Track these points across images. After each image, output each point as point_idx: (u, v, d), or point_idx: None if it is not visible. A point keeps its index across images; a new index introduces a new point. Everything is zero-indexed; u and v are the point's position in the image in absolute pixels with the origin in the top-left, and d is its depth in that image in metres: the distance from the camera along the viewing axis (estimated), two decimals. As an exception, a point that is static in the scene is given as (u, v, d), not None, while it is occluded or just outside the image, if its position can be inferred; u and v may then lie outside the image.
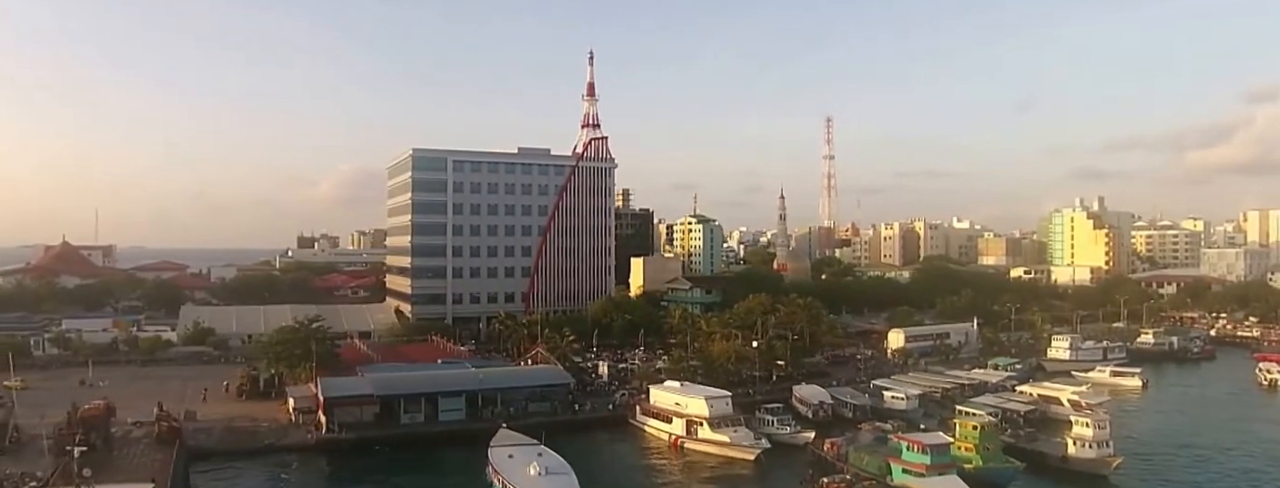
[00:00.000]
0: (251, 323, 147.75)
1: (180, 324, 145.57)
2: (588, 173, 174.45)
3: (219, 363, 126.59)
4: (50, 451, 72.70)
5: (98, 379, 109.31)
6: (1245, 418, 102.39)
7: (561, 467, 65.88)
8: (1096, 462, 75.98)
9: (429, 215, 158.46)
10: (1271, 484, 74.28)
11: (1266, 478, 75.85)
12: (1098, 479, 74.46)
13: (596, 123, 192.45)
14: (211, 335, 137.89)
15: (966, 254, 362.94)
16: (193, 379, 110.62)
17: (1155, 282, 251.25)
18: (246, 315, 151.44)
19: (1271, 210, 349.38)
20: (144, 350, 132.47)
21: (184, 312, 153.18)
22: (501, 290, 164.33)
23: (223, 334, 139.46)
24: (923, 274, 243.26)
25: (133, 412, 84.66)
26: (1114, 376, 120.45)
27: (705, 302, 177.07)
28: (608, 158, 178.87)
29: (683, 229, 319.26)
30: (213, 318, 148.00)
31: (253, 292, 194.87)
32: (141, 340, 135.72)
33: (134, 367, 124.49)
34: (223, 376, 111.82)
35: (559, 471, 64.94)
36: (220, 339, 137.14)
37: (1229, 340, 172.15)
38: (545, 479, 62.82)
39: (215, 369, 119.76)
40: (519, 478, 63.29)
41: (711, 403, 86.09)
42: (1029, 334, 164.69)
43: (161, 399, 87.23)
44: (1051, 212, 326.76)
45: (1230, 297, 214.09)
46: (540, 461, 65.81)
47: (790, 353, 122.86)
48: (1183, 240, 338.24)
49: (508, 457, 68.93)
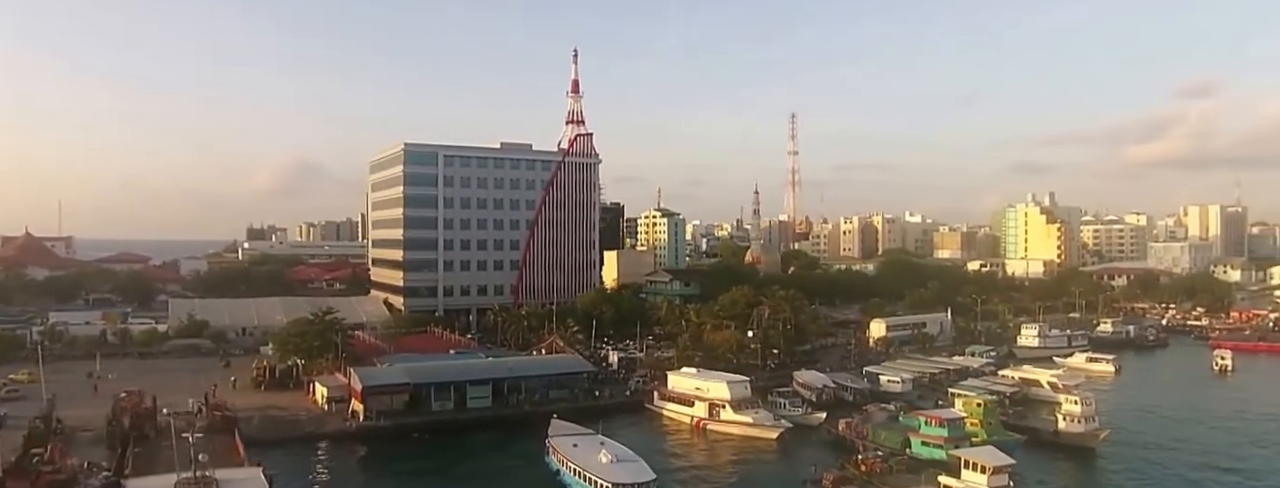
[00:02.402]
0: (244, 316, 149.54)
1: (171, 317, 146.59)
2: (573, 168, 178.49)
3: (217, 356, 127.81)
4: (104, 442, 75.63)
5: (105, 373, 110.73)
6: (1205, 397, 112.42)
7: (629, 455, 69.16)
8: (1085, 435, 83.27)
9: (420, 209, 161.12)
10: (1237, 453, 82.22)
11: (1232, 447, 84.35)
12: (1087, 450, 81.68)
13: (581, 119, 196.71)
14: (206, 328, 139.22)
15: (922, 247, 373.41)
16: (198, 372, 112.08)
17: (1107, 274, 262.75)
18: (238, 308, 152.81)
19: (1210, 205, 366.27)
20: (140, 343, 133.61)
21: (173, 305, 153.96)
22: (491, 283, 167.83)
23: (217, 327, 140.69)
24: (888, 267, 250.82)
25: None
26: (1089, 361, 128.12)
27: (684, 294, 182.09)
28: (592, 153, 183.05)
29: (647, 222, 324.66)
30: (203, 311, 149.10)
31: (229, 284, 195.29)
32: (138, 334, 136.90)
33: (132, 360, 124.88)
34: (224, 368, 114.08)
35: (628, 458, 68.07)
36: (216, 332, 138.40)
37: (1179, 329, 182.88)
38: (619, 466, 65.59)
39: (214, 362, 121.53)
40: (592, 465, 66.09)
41: (733, 387, 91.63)
42: (996, 324, 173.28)
43: (178, 391, 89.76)
44: (1005, 207, 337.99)
45: (1178, 288, 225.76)
46: (607, 449, 68.88)
47: (783, 342, 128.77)
48: (1128, 234, 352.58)
49: (573, 446, 71.80)
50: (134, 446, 71.32)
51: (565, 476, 69.22)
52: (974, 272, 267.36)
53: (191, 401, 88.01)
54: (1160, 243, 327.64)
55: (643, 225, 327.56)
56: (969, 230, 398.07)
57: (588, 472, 65.43)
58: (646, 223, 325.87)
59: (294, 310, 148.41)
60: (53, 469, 62.53)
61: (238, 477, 54.75)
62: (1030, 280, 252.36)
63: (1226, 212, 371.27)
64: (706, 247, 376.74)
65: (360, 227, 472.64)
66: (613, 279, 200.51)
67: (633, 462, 67.25)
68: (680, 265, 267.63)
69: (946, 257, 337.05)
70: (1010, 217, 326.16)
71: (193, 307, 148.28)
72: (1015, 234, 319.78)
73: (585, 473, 65.67)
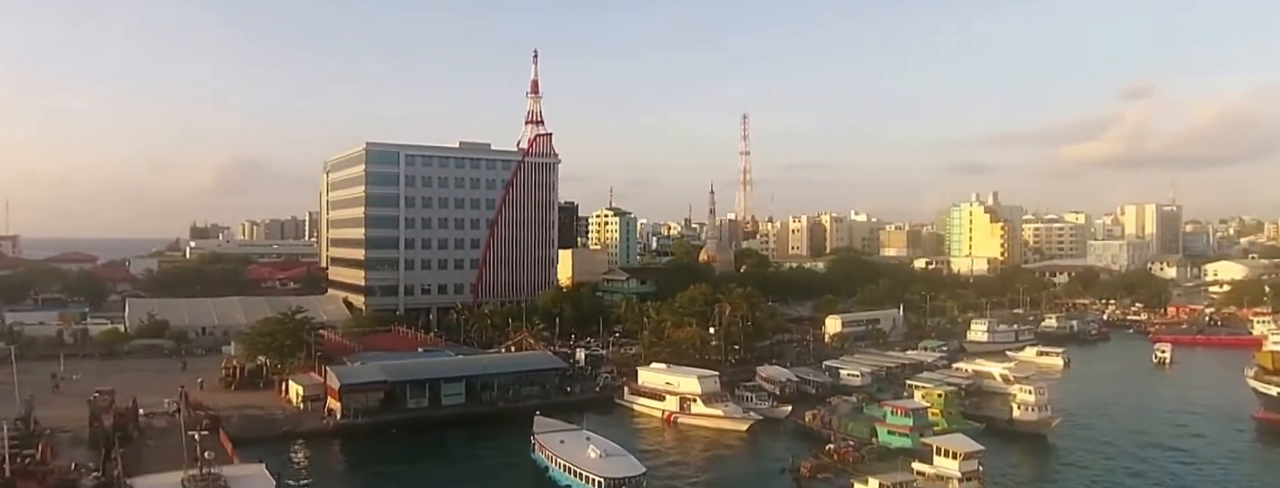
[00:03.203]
0: (204, 316, 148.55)
1: (130, 317, 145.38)
2: (533, 168, 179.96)
3: (179, 356, 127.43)
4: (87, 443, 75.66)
5: (69, 373, 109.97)
6: (1148, 388, 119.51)
7: (617, 450, 70.83)
8: (1038, 423, 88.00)
9: (382, 209, 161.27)
10: (1180, 439, 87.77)
11: (1175, 434, 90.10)
12: (1040, 437, 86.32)
13: (541, 120, 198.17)
14: (166, 328, 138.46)
15: (869, 245, 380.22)
16: (162, 372, 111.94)
17: (1049, 271, 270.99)
18: (197, 308, 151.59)
19: (1146, 205, 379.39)
20: (102, 344, 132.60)
21: (132, 305, 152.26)
22: (451, 282, 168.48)
23: (177, 327, 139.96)
24: (838, 265, 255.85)
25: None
26: (1039, 355, 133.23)
27: (641, 292, 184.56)
28: (551, 154, 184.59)
29: (599, 221, 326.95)
30: (161, 311, 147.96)
31: (182, 284, 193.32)
32: (100, 334, 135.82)
33: (94, 361, 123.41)
34: (187, 368, 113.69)
35: (617, 453, 69.72)
36: (177, 332, 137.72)
37: (1120, 324, 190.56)
38: (609, 461, 67.05)
39: (178, 362, 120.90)
40: (583, 460, 67.41)
41: (703, 381, 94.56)
42: (945, 319, 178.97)
43: (145, 391, 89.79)
44: (950, 206, 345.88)
45: (1117, 285, 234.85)
46: (595, 444, 70.48)
47: (744, 339, 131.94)
48: (1068, 233, 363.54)
49: (560, 442, 73.00)
50: (118, 446, 71.51)
51: (554, 471, 70.42)
52: (921, 269, 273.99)
53: (167, 401, 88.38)
54: (1099, 241, 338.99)
55: (594, 224, 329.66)
56: (914, 229, 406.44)
57: (579, 467, 66.72)
58: (598, 222, 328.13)
59: (254, 310, 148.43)
60: (52, 470, 62.85)
61: (243, 473, 55.36)
62: (975, 278, 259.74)
63: (1162, 211, 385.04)
64: (656, 245, 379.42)
65: (307, 225, 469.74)
66: (567, 278, 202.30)
67: (621, 456, 69.01)
68: (632, 264, 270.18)
69: (893, 254, 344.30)
70: (955, 216, 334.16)
71: (152, 307, 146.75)
72: (960, 233, 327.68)
73: (576, 469, 66.90)
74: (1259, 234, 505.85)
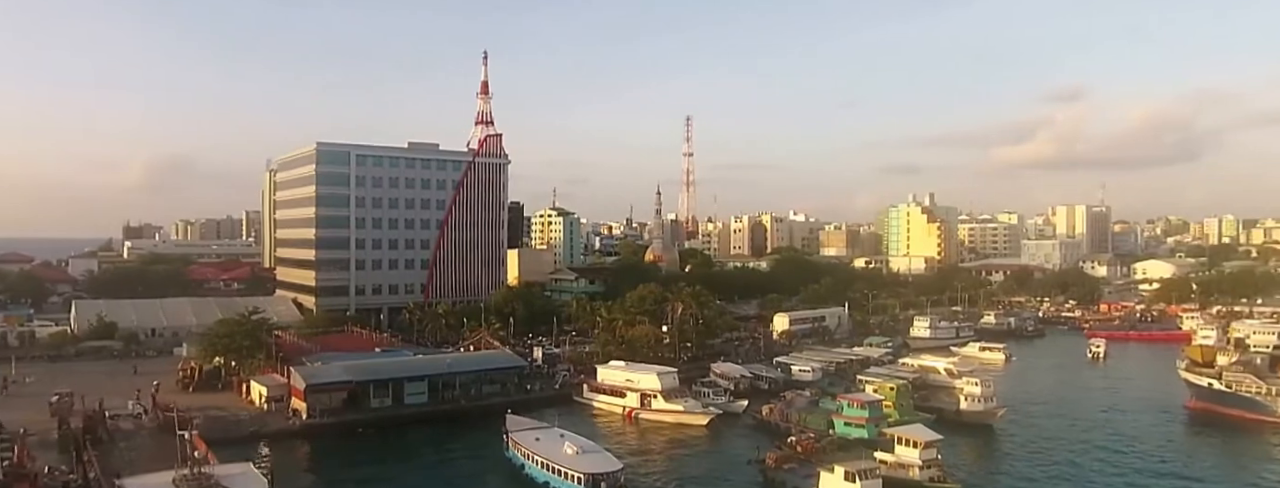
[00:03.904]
0: (153, 317, 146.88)
1: (79, 319, 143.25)
2: (483, 168, 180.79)
3: (130, 357, 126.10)
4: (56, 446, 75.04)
5: (22, 376, 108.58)
6: (1084, 381, 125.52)
7: (592, 446, 72.63)
8: (985, 413, 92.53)
9: (333, 209, 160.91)
10: (1116, 427, 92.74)
11: (1111, 422, 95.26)
12: (986, 427, 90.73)
13: (491, 120, 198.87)
14: (116, 330, 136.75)
15: (809, 245, 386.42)
16: (114, 374, 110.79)
17: (985, 270, 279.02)
18: (145, 309, 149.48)
19: (1077, 206, 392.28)
20: (50, 346, 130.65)
21: (79, 306, 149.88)
22: (402, 282, 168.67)
23: (126, 329, 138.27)
24: (781, 264, 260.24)
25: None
26: (982, 350, 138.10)
27: (590, 291, 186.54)
28: (501, 154, 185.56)
29: (542, 221, 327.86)
30: (109, 312, 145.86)
31: (125, 285, 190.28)
32: (49, 336, 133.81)
33: (43, 363, 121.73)
34: (139, 369, 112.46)
35: (592, 449, 71.40)
36: (127, 333, 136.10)
37: (1055, 321, 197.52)
38: (586, 457, 68.40)
39: (129, 364, 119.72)
40: (560, 457, 68.58)
41: (663, 378, 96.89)
42: (887, 317, 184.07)
43: (102, 393, 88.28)
44: (888, 206, 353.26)
45: (1051, 283, 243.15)
46: (570, 441, 71.98)
47: (696, 337, 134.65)
48: (1002, 232, 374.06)
49: (535, 439, 74.27)
50: (87, 448, 71.36)
51: (531, 468, 71.47)
52: (861, 268, 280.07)
53: (131, 403, 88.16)
54: (1032, 241, 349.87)
55: (537, 224, 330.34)
56: (853, 229, 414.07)
57: (557, 464, 67.91)
58: (541, 222, 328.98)
59: (204, 311, 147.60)
60: (39, 472, 62.72)
61: (232, 472, 55.48)
62: (914, 276, 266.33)
63: (1092, 211, 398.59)
64: (599, 245, 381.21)
65: (244, 225, 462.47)
66: (515, 278, 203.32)
67: (598, 453, 70.69)
68: (576, 264, 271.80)
69: (833, 254, 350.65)
70: (893, 216, 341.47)
71: (99, 308, 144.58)
72: (898, 233, 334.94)
73: (554, 465, 68.10)
74: (1184, 234, 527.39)
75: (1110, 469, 76.25)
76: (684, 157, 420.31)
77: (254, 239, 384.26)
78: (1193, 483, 72.99)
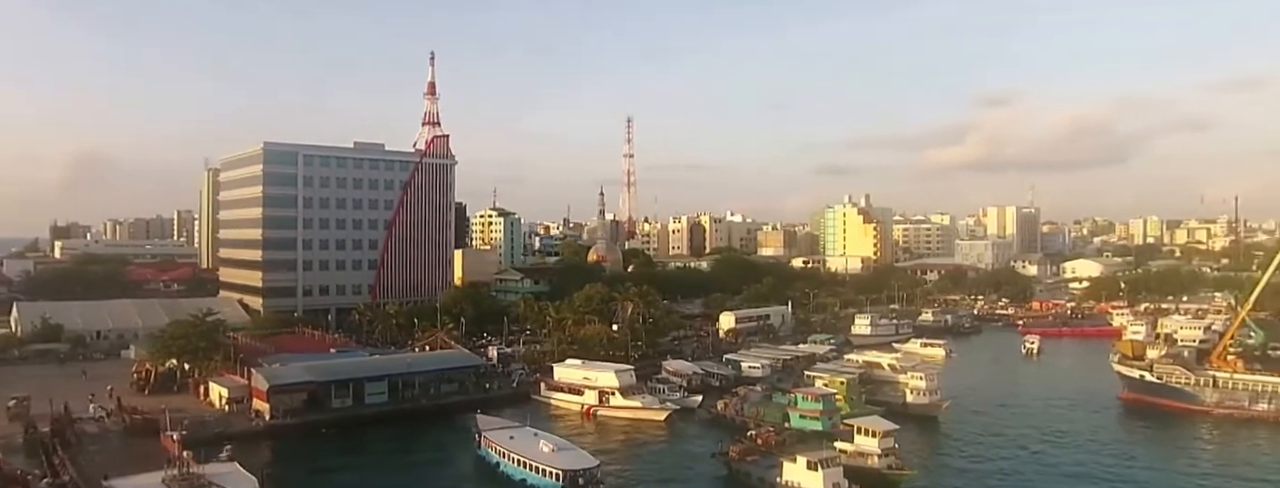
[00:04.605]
0: (98, 319, 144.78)
1: (22, 321, 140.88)
2: (430, 169, 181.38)
3: (77, 360, 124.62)
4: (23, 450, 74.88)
5: None
6: (1021, 375, 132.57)
7: (566, 444, 74.22)
8: (929, 406, 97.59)
9: (280, 209, 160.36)
10: (1053, 417, 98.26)
11: (1048, 413, 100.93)
12: (932, 418, 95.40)
13: (438, 121, 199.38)
14: (62, 332, 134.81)
15: (747, 245, 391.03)
16: (64, 377, 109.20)
17: (920, 269, 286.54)
18: (90, 311, 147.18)
19: (1007, 207, 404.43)
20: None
21: (23, 308, 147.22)
22: (349, 283, 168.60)
23: (72, 331, 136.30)
24: (721, 264, 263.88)
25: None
26: (924, 346, 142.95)
27: (535, 291, 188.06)
28: (448, 155, 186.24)
29: (483, 221, 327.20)
30: (53, 314, 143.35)
31: (63, 286, 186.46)
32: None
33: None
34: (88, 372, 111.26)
35: (567, 447, 72.99)
36: (74, 336, 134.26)
37: (990, 318, 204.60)
38: (563, 454, 69.93)
39: (76, 367, 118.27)
40: (537, 454, 69.94)
41: (620, 375, 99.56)
42: (828, 315, 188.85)
43: (58, 396, 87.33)
44: (824, 207, 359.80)
45: (985, 282, 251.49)
46: (545, 439, 73.61)
47: (646, 335, 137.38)
48: (935, 233, 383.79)
49: (509, 438, 75.29)
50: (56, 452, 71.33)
51: (506, 466, 72.60)
52: (800, 268, 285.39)
53: (92, 406, 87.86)
54: (965, 241, 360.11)
55: (478, 224, 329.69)
56: (790, 229, 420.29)
57: (535, 461, 69.26)
58: (482, 222, 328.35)
59: (148, 313, 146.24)
60: (27, 475, 62.75)
61: (221, 472, 56.22)
62: (851, 276, 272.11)
63: (1022, 212, 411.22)
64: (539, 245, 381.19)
65: (176, 224, 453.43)
66: (459, 278, 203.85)
67: (572, 450, 72.37)
68: (518, 264, 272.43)
69: (771, 254, 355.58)
70: (830, 216, 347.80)
71: (44, 310, 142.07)
72: (834, 233, 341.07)
73: (532, 463, 69.35)
74: (1110, 234, 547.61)
75: (1053, 456, 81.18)
76: (624, 158, 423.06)
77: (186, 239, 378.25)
78: (1130, 465, 78.22)
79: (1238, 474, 76.02)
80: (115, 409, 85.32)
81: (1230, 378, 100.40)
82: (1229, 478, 74.87)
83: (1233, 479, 74.60)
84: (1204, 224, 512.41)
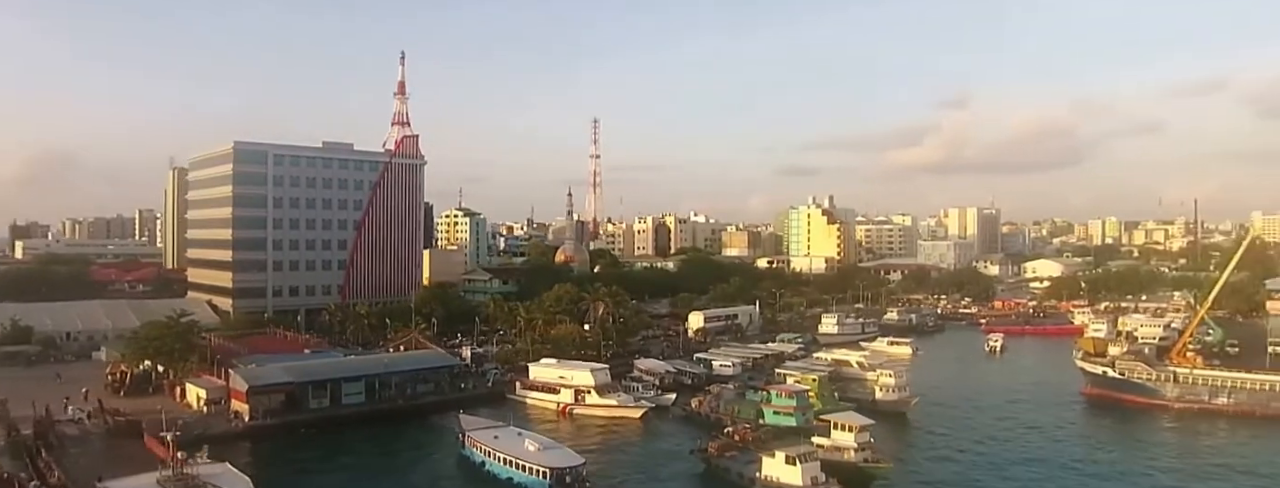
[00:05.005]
0: (67, 321, 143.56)
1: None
2: (400, 169, 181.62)
3: (47, 362, 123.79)
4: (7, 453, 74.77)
5: None
6: (986, 372, 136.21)
7: (551, 442, 75.36)
8: (899, 402, 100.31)
9: (250, 209, 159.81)
10: (1019, 413, 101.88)
11: (1014, 408, 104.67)
12: (901, 415, 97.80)
13: (407, 121, 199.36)
14: (32, 334, 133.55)
15: (712, 245, 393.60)
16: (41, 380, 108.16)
17: (883, 269, 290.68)
18: (59, 313, 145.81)
19: (968, 208, 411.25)
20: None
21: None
22: (319, 283, 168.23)
23: (42, 333, 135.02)
24: (688, 264, 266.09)
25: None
26: (890, 345, 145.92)
27: (504, 291, 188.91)
28: (418, 155, 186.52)
29: (448, 221, 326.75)
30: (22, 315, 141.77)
31: (27, 286, 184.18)
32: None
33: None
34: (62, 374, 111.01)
35: (552, 445, 74.07)
36: (44, 337, 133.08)
37: (953, 317, 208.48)
38: (549, 453, 70.91)
39: (47, 369, 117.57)
40: (524, 453, 70.93)
41: (596, 374, 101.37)
42: (794, 314, 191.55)
43: (27, 399, 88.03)
44: (788, 208, 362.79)
45: (948, 282, 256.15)
46: (529, 438, 74.58)
47: (616, 334, 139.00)
48: (897, 233, 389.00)
49: (494, 437, 76.23)
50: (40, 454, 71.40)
51: (492, 465, 73.54)
52: (765, 268, 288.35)
53: (71, 408, 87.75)
54: (928, 241, 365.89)
55: (443, 224, 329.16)
56: (754, 230, 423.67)
57: (522, 460, 70.24)
58: (447, 222, 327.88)
59: (117, 314, 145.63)
60: (19, 477, 62.96)
61: (214, 472, 56.51)
62: (816, 276, 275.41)
63: (982, 214, 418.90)
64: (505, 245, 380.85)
65: (137, 224, 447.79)
66: (426, 278, 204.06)
67: (558, 448, 73.48)
68: (484, 264, 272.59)
69: (735, 254, 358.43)
70: (794, 217, 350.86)
71: (12, 311, 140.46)
72: (798, 233, 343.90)
73: (519, 461, 70.35)
74: (1069, 235, 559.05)
75: (1020, 449, 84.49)
76: (591, 159, 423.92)
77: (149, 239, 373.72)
78: (1095, 457, 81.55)
79: (1199, 464, 79.42)
80: (96, 411, 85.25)
81: (1190, 374, 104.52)
82: (1191, 468, 78.15)
83: (1195, 469, 77.94)
84: (1161, 225, 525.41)
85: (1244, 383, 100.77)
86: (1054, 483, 73.49)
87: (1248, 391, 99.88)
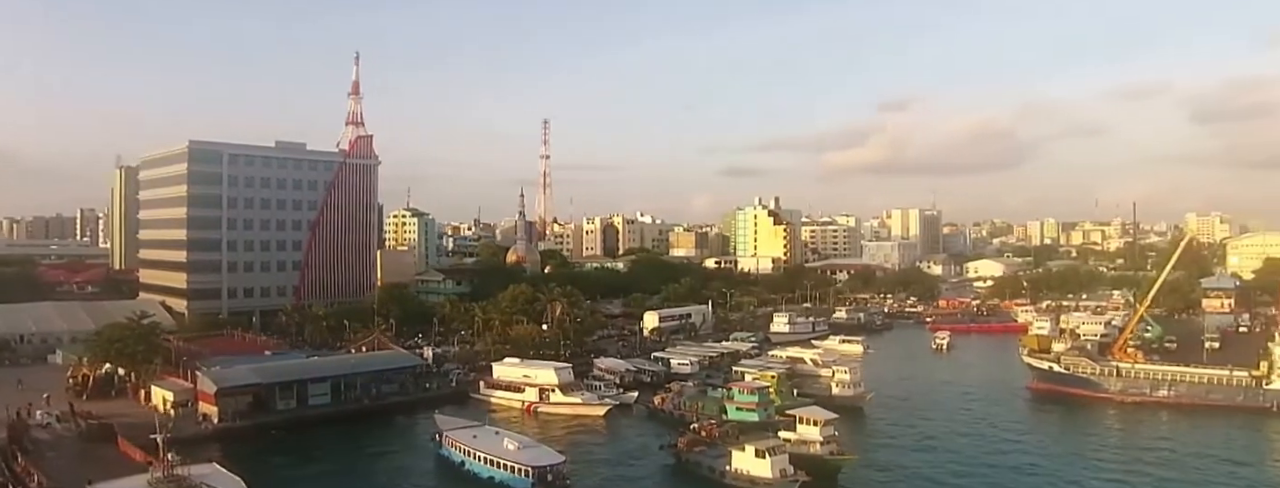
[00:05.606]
0: (19, 323, 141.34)
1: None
2: (354, 169, 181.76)
3: (3, 366, 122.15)
4: None
5: None
6: (935, 368, 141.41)
7: (530, 441, 76.70)
8: (855, 398, 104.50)
9: (205, 209, 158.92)
10: (967, 405, 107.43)
11: (963, 401, 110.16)
12: (857, 409, 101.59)
13: (361, 121, 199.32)
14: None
15: (659, 246, 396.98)
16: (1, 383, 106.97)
17: (830, 269, 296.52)
18: (11, 315, 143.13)
19: (911, 209, 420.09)
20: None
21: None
22: (274, 284, 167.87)
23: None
24: (638, 265, 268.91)
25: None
26: (842, 343, 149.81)
27: (458, 292, 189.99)
28: (372, 155, 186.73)
29: (397, 222, 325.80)
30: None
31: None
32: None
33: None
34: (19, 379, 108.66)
35: (531, 444, 75.38)
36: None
37: (900, 316, 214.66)
38: (529, 451, 71.90)
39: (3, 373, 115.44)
40: (504, 452, 71.69)
41: (560, 373, 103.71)
42: (746, 314, 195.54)
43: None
44: (735, 209, 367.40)
45: (893, 281, 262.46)
46: (508, 437, 75.81)
47: (574, 334, 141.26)
48: (842, 234, 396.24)
49: (472, 436, 77.16)
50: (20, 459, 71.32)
51: (471, 464, 74.56)
52: (713, 268, 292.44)
53: (40, 412, 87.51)
54: (872, 242, 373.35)
55: (392, 225, 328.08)
56: (701, 230, 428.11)
57: (502, 459, 71.09)
58: (396, 222, 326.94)
59: (71, 316, 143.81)
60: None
61: (205, 472, 57.28)
62: (763, 276, 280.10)
63: (924, 215, 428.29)
64: (454, 246, 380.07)
65: (78, 224, 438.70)
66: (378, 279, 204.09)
67: (537, 447, 74.81)
68: (433, 264, 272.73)
69: (683, 254, 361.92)
70: (741, 218, 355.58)
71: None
72: (745, 234, 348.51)
73: (500, 460, 71.10)
74: (1009, 235, 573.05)
75: (973, 441, 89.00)
76: (541, 159, 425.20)
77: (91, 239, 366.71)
78: (1045, 446, 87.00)
79: (1143, 451, 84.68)
80: (66, 414, 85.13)
81: (1132, 368, 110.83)
82: (1135, 454, 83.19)
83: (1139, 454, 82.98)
84: (1099, 226, 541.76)
85: (1183, 376, 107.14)
86: (1009, 470, 77.52)
87: (1187, 384, 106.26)
